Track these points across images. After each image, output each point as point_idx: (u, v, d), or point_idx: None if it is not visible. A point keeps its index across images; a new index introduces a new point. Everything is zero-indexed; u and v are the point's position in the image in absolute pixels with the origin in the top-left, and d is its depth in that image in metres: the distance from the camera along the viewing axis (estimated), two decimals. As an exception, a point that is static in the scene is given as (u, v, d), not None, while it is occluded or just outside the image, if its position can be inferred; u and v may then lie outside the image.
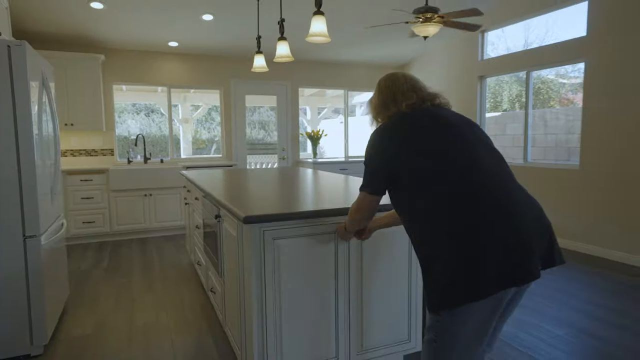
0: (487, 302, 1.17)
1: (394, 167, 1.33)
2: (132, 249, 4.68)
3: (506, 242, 1.15)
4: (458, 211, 1.19)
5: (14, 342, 2.33)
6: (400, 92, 1.48)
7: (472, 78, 5.82)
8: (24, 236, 2.32)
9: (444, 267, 1.18)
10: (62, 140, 5.26)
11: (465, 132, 1.34)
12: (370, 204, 1.49)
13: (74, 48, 5.23)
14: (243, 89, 6.27)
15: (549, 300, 3.10)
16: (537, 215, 1.25)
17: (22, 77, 2.26)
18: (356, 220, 1.61)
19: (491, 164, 1.29)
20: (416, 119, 1.38)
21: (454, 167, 1.25)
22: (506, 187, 1.24)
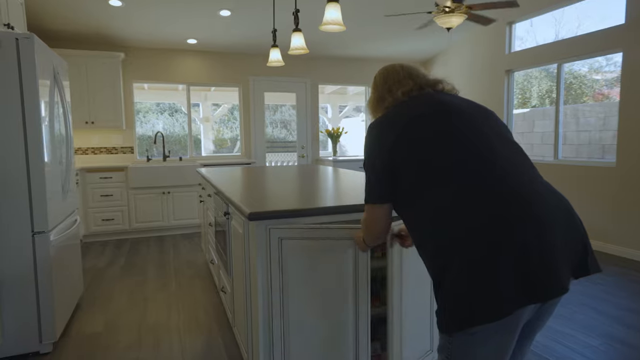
0: (505, 322, 1.00)
1: (393, 166, 1.16)
2: (150, 246, 4.67)
3: (525, 250, 0.97)
4: (464, 214, 1.02)
5: (23, 339, 2.31)
6: (396, 81, 1.32)
7: (498, 72, 5.57)
8: (32, 232, 2.29)
9: (452, 282, 1.00)
10: (83, 138, 5.32)
11: (474, 120, 1.15)
12: (381, 214, 1.26)
13: (93, 46, 5.27)
14: (262, 86, 6.21)
15: (581, 307, 2.87)
16: (566, 215, 1.06)
17: (30, 70, 2.23)
18: (373, 235, 1.36)
19: (507, 156, 1.10)
20: (413, 107, 1.20)
21: (459, 161, 1.07)
22: (526, 184, 1.05)
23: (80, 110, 4.94)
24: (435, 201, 1.07)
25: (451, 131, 1.12)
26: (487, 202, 1.01)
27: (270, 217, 1.68)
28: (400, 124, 1.18)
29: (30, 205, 2.28)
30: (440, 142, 1.11)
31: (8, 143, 2.21)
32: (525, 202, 1.01)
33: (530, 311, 1.05)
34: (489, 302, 0.96)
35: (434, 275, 1.06)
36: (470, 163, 1.06)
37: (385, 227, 1.30)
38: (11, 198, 2.24)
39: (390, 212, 1.28)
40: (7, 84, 2.19)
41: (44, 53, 2.40)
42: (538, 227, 0.99)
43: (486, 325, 0.98)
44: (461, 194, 1.04)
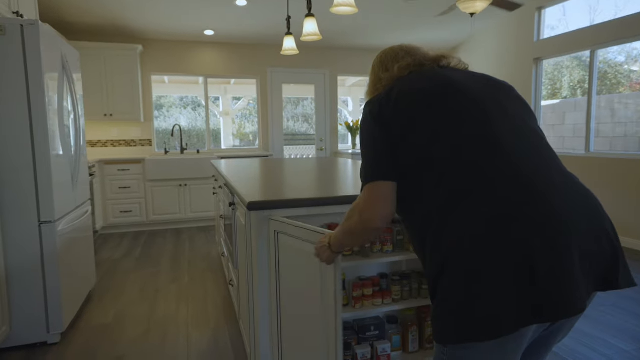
0: (505, 340, 0.85)
1: (393, 142, 1.00)
2: (166, 239, 4.67)
3: (531, 258, 0.81)
4: (460, 213, 0.87)
5: (31, 329, 2.30)
6: (392, 58, 1.18)
7: (526, 61, 5.30)
8: (39, 222, 2.27)
9: (446, 291, 0.87)
10: (102, 130, 5.37)
11: (479, 100, 0.99)
12: (387, 192, 1.01)
13: (111, 39, 5.30)
14: (280, 77, 6.12)
15: (612, 308, 2.66)
16: (591, 215, 0.89)
17: (36, 58, 2.20)
18: (372, 221, 1.01)
19: (516, 141, 0.94)
20: (414, 81, 1.05)
21: (458, 146, 0.92)
22: (539, 174, 0.89)
23: (98, 103, 4.98)
24: (429, 198, 0.93)
25: (451, 111, 0.97)
26: (487, 199, 0.86)
27: (269, 208, 1.58)
28: (394, 102, 1.03)
29: (37, 195, 2.26)
30: (436, 124, 0.96)
31: (14, 132, 2.19)
32: (535, 197, 0.85)
33: (538, 329, 0.90)
34: (485, 318, 0.82)
35: (430, 280, 0.93)
36: (466, 151, 0.92)
37: (392, 209, 1.02)
38: (17, 187, 2.22)
39: (394, 194, 1.02)
40: (12, 72, 2.17)
41: (51, 41, 2.37)
42: (550, 229, 0.83)
43: (483, 342, 0.85)
44: (456, 190, 0.89)
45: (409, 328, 1.91)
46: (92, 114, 4.96)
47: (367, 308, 1.82)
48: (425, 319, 1.95)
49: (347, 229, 1.09)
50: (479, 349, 0.86)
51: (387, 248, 1.86)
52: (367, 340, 1.88)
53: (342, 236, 1.13)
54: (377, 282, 1.87)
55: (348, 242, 1.13)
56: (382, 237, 1.85)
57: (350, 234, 1.09)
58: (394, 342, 1.90)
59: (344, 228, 1.11)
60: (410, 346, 1.92)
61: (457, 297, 0.85)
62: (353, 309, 1.81)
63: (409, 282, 1.88)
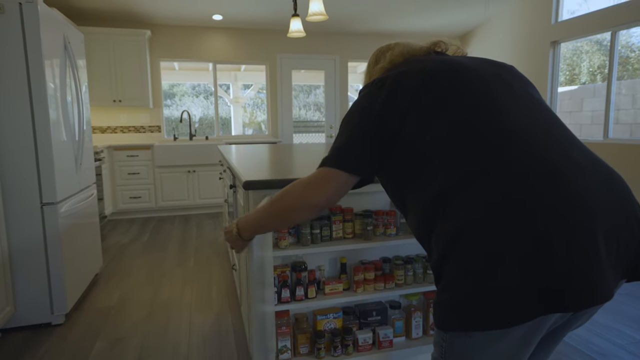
0: (515, 330, 0.77)
1: (383, 130, 0.91)
2: (174, 224, 4.68)
3: (548, 242, 0.72)
4: (469, 194, 0.78)
5: (35, 310, 2.31)
6: (385, 51, 1.11)
7: (543, 44, 5.12)
8: (41, 203, 2.27)
9: (453, 276, 0.79)
10: (111, 116, 5.38)
11: (485, 75, 0.92)
12: (342, 183, 0.95)
13: (120, 24, 5.28)
14: (289, 63, 6.04)
15: (628, 298, 2.56)
16: (617, 195, 0.79)
17: (35, 39, 2.17)
18: (308, 203, 0.95)
19: (532, 116, 0.85)
20: (408, 65, 0.97)
21: (463, 121, 0.84)
22: (555, 150, 0.80)
23: (107, 89, 4.97)
24: (433, 180, 0.84)
25: (451, 88, 0.89)
26: (498, 178, 0.77)
27: (266, 187, 1.53)
28: (394, 79, 0.94)
29: (39, 177, 2.25)
30: (438, 101, 0.88)
31: (14, 113, 2.18)
32: (553, 173, 0.76)
33: (560, 318, 0.81)
34: (494, 305, 0.74)
35: (434, 264, 0.85)
36: (471, 126, 0.83)
37: (338, 199, 0.97)
38: (19, 170, 2.21)
39: (347, 188, 0.97)
40: (12, 53, 2.14)
41: (51, 21, 2.33)
42: (572, 211, 0.73)
43: (487, 332, 0.77)
44: (464, 170, 0.80)
45: (413, 314, 1.86)
46: (101, 99, 4.96)
47: (368, 292, 1.77)
48: (430, 305, 1.89)
49: (282, 206, 1.00)
50: (482, 337, 0.79)
51: (390, 231, 1.80)
52: (368, 326, 1.83)
53: (268, 218, 1.05)
54: (380, 266, 1.81)
55: (268, 224, 1.05)
56: (386, 219, 1.79)
57: (283, 212, 1.00)
58: (397, 328, 1.85)
59: (273, 207, 1.02)
60: (414, 332, 1.87)
61: (464, 283, 0.77)
62: (354, 293, 1.76)
63: (413, 266, 1.82)
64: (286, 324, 1.71)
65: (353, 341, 1.77)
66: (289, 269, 1.70)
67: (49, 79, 2.27)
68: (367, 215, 1.73)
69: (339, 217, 1.73)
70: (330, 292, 1.73)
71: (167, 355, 2.03)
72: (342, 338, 1.75)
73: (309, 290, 1.69)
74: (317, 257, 1.81)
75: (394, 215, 1.78)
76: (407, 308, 1.89)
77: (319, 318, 1.77)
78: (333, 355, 1.75)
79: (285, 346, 1.71)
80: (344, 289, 1.77)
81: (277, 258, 1.73)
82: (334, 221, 1.73)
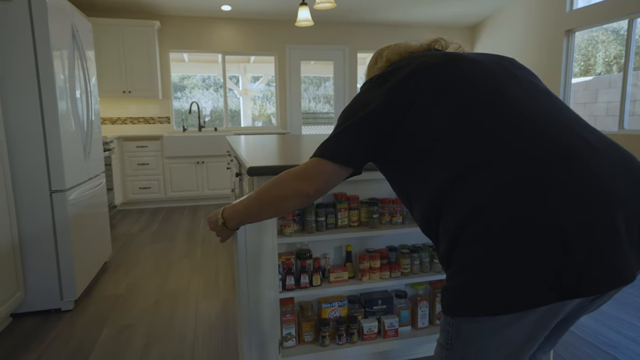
0: (528, 315, 0.75)
1: (384, 121, 0.90)
2: (183, 215, 4.71)
3: (571, 225, 0.69)
4: (482, 177, 0.76)
5: (45, 296, 2.34)
6: (382, 50, 1.10)
7: (556, 33, 5.00)
8: (50, 190, 2.29)
9: (464, 261, 0.76)
10: (121, 107, 5.41)
11: (488, 64, 0.91)
12: (334, 175, 0.94)
13: (129, 15, 5.29)
14: (298, 54, 6.00)
15: (638, 289, 2.51)
16: (636, 177, 0.76)
17: (43, 25, 2.18)
18: (301, 187, 0.94)
19: (540, 102, 0.84)
20: (407, 60, 0.96)
21: (468, 106, 0.83)
22: (570, 133, 0.77)
23: (117, 80, 5.00)
24: (441, 167, 0.82)
25: (455, 77, 0.88)
26: (510, 161, 0.75)
27: (269, 173, 1.52)
28: (390, 74, 0.94)
29: (47, 165, 2.27)
30: (441, 92, 0.87)
31: (23, 102, 2.19)
32: (568, 156, 0.73)
33: (575, 304, 0.78)
34: (502, 290, 0.71)
35: (442, 253, 0.82)
36: (478, 112, 0.82)
37: (327, 190, 0.97)
38: (28, 158, 2.24)
39: (338, 180, 0.96)
40: (20, 41, 2.15)
41: (59, 9, 2.34)
42: (588, 192, 0.70)
43: (498, 316, 0.75)
44: (473, 156, 0.78)
45: (419, 303, 1.84)
46: (110, 90, 4.99)
47: (374, 281, 1.75)
48: (437, 294, 1.87)
49: (272, 195, 0.99)
50: (491, 322, 0.76)
51: (396, 219, 1.77)
52: (374, 315, 1.82)
53: (257, 207, 1.02)
54: (386, 255, 1.79)
55: (256, 214, 1.03)
56: (392, 208, 1.77)
57: (273, 200, 0.99)
58: (403, 317, 1.83)
59: (266, 196, 1.00)
60: (420, 322, 1.85)
61: (474, 267, 0.74)
62: (360, 282, 1.74)
63: (419, 255, 1.80)
64: (291, 312, 1.70)
65: (358, 330, 1.76)
66: (294, 257, 1.69)
67: (57, 68, 2.28)
68: (373, 203, 1.71)
69: (345, 205, 1.71)
70: (335, 280, 1.72)
71: (174, 343, 2.04)
72: (347, 326, 1.74)
73: (313, 278, 1.68)
74: (322, 244, 1.79)
75: (400, 204, 1.76)
76: (413, 297, 1.87)
77: (324, 306, 1.76)
78: (338, 344, 1.74)
79: (290, 334, 1.71)
80: (349, 277, 1.76)
81: (282, 245, 1.72)
82: (339, 209, 1.71)
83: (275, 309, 1.58)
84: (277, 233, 1.64)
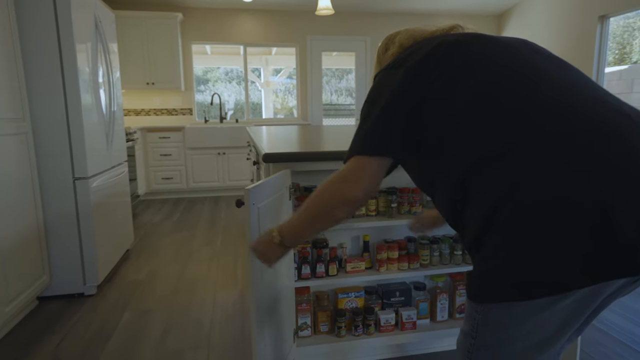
0: (566, 298, 0.70)
1: (411, 100, 0.86)
2: (204, 205, 4.75)
3: (614, 198, 0.65)
4: (514, 158, 0.72)
5: (69, 281, 2.40)
6: (394, 36, 1.05)
7: (589, 19, 4.78)
8: (73, 178, 2.33)
9: (497, 243, 0.72)
10: (145, 99, 5.49)
11: (511, 42, 0.86)
12: (377, 169, 0.88)
13: (152, 7, 5.34)
14: (319, 45, 5.95)
15: (679, 291, 2.38)
16: None
17: (66, 15, 2.21)
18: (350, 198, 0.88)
19: (570, 80, 0.78)
20: (423, 43, 0.91)
21: (496, 83, 0.78)
22: (607, 110, 0.72)
23: (140, 72, 5.07)
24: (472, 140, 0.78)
25: (484, 54, 0.83)
26: (541, 139, 0.71)
27: (284, 160, 1.49)
28: (409, 56, 0.89)
29: (71, 153, 2.32)
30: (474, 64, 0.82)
31: (47, 91, 2.23)
32: (605, 131, 0.69)
33: (612, 288, 0.72)
34: (537, 272, 0.67)
35: (471, 238, 0.78)
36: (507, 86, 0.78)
37: (377, 186, 0.90)
38: (53, 147, 2.28)
39: (382, 175, 0.90)
40: (44, 31, 2.19)
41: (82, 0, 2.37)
42: (630, 165, 0.66)
43: (532, 301, 0.70)
44: (503, 131, 0.74)
45: (438, 296, 1.79)
46: (134, 82, 5.06)
47: (392, 272, 1.71)
48: (457, 287, 1.81)
49: (318, 207, 0.92)
50: (523, 307, 0.72)
51: (415, 209, 1.73)
52: (391, 306, 1.78)
53: (307, 221, 0.95)
54: (404, 246, 1.75)
55: (313, 228, 0.97)
56: (411, 197, 1.72)
57: (320, 213, 0.92)
58: (421, 310, 1.79)
59: (313, 209, 0.94)
60: (439, 315, 1.80)
61: (510, 249, 0.70)
62: (377, 272, 1.71)
63: (439, 246, 1.75)
64: (306, 301, 1.68)
65: (375, 321, 1.73)
66: (310, 246, 1.66)
67: (81, 60, 2.31)
68: (392, 192, 1.67)
69: (362, 194, 1.67)
70: (352, 270, 1.69)
71: (190, 329, 2.06)
72: (363, 317, 1.71)
73: (329, 267, 1.66)
74: (339, 234, 1.76)
75: (420, 193, 1.71)
76: (432, 290, 1.82)
77: (340, 296, 1.74)
78: (354, 335, 1.71)
79: (305, 323, 1.69)
80: (367, 267, 1.72)
81: (298, 234, 1.70)
82: (357, 198, 1.67)
83: (290, 297, 1.56)
84: (293, 221, 1.62)
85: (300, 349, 1.65)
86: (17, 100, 2.09)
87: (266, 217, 1.28)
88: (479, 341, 0.80)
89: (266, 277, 1.29)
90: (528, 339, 0.75)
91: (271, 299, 1.35)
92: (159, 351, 1.88)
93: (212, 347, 1.90)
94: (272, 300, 1.36)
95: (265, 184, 1.27)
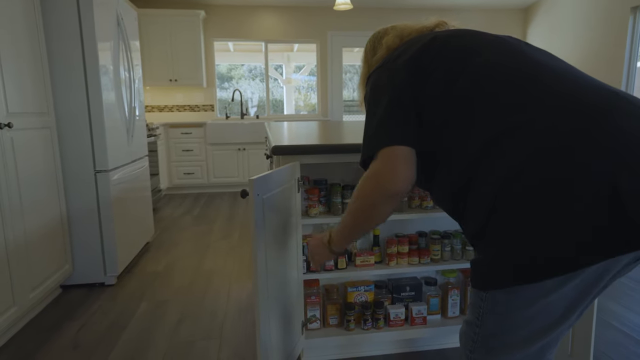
0: (574, 278, 0.69)
1: (413, 91, 0.86)
2: (224, 200, 4.82)
3: (622, 177, 0.65)
4: (515, 143, 0.72)
5: (90, 271, 2.49)
6: (381, 37, 1.07)
7: (620, 11, 4.59)
8: (94, 170, 2.41)
9: (503, 227, 0.72)
10: (168, 95, 5.61)
11: (505, 43, 0.86)
12: (407, 156, 0.85)
13: (175, 5, 5.44)
14: (340, 41, 5.92)
15: None
16: None
17: (88, 12, 2.28)
18: (392, 190, 0.84)
19: (565, 70, 0.79)
20: (411, 42, 0.93)
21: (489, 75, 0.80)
22: (607, 95, 0.73)
23: (164, 69, 5.18)
24: (468, 135, 0.78)
25: (477, 44, 0.86)
26: (540, 126, 0.71)
27: (293, 152, 1.50)
28: (403, 52, 0.91)
29: (92, 147, 2.39)
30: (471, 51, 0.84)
31: (70, 87, 2.31)
32: (607, 111, 0.69)
33: (619, 266, 0.71)
34: (546, 252, 0.67)
35: (474, 226, 0.77)
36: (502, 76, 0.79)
37: (414, 172, 0.86)
38: (75, 140, 2.36)
39: (414, 160, 0.86)
40: (67, 28, 2.27)
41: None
42: (633, 140, 0.66)
43: (541, 283, 0.70)
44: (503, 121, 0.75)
45: (449, 291, 1.76)
46: (157, 79, 5.18)
47: (402, 266, 1.70)
48: (469, 283, 1.78)
49: (360, 206, 0.91)
50: (529, 291, 0.71)
51: (426, 204, 1.71)
52: (401, 301, 1.77)
53: (351, 222, 0.96)
54: (415, 240, 1.73)
55: (358, 228, 0.97)
56: (422, 191, 1.70)
57: (363, 212, 0.91)
58: (432, 305, 1.77)
59: (355, 209, 0.93)
60: (450, 311, 1.78)
61: (515, 233, 0.70)
62: (387, 267, 1.70)
63: (451, 242, 1.72)
64: (315, 294, 1.69)
65: (384, 315, 1.72)
66: (319, 238, 1.66)
67: (102, 56, 2.38)
68: (402, 185, 1.65)
69: (372, 187, 1.66)
70: (362, 264, 1.68)
71: (204, 320, 2.10)
72: (373, 311, 1.71)
73: (339, 260, 1.66)
74: (349, 228, 1.76)
75: (431, 187, 1.68)
76: (443, 285, 1.80)
77: (350, 290, 1.74)
78: (363, 328, 1.71)
79: (314, 316, 1.70)
80: (376, 261, 1.71)
81: (307, 226, 1.70)
82: (367, 191, 1.66)
83: (298, 290, 1.57)
84: (302, 214, 1.63)
85: (309, 340, 1.66)
86: (42, 95, 2.18)
87: (272, 209, 1.29)
88: (483, 329, 0.80)
89: (272, 267, 1.30)
90: (533, 324, 0.75)
91: (278, 290, 1.36)
92: (172, 340, 1.93)
93: (224, 339, 1.94)
94: (279, 291, 1.37)
95: (271, 175, 1.28)
